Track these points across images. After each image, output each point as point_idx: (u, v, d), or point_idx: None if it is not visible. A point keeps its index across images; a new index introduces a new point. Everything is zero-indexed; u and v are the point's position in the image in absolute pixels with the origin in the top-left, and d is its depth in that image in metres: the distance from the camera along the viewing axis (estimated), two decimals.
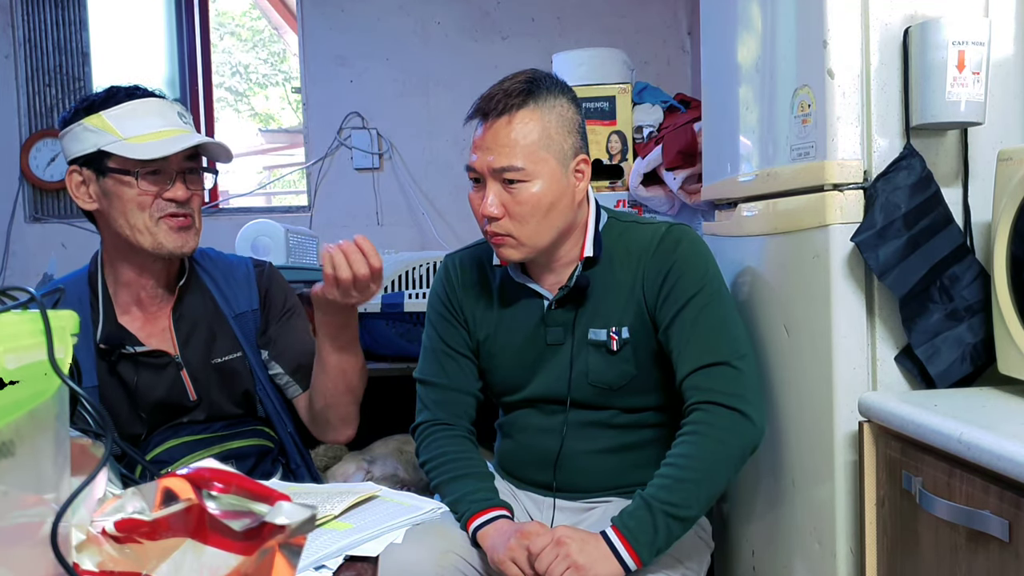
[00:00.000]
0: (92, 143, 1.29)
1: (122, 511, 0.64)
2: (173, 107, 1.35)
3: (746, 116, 1.49)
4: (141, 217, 1.32)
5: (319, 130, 3.20)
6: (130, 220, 1.32)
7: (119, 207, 1.32)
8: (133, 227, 1.32)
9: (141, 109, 1.31)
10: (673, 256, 1.30)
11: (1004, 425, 0.92)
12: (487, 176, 1.26)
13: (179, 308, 1.42)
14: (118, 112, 1.29)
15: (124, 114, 1.30)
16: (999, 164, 1.07)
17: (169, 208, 1.33)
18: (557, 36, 3.13)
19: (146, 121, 1.31)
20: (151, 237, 1.32)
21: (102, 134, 1.29)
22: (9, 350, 0.57)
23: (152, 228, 1.32)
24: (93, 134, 1.29)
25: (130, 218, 1.32)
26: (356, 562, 1.03)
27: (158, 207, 1.32)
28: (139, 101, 1.32)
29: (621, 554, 1.15)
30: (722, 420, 1.22)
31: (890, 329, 1.18)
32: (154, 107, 1.33)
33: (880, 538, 1.12)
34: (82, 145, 1.30)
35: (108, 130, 1.29)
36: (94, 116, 1.29)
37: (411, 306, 2.08)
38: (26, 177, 3.08)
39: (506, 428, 1.46)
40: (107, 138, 1.28)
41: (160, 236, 1.33)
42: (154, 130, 1.30)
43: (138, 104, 1.31)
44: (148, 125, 1.30)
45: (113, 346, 1.36)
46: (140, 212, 1.31)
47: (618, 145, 2.25)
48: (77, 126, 1.30)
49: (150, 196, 1.31)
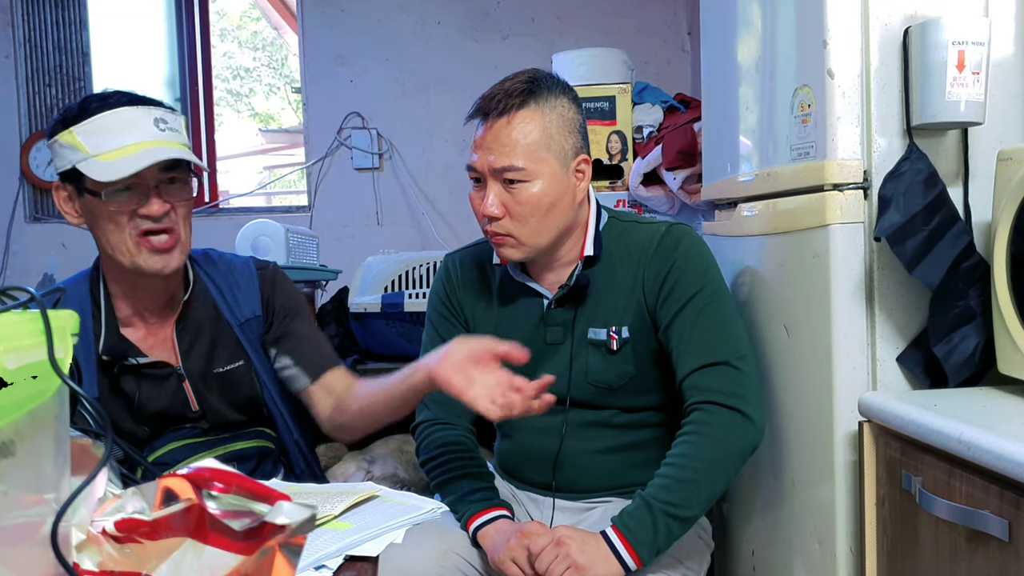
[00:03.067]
0: (67, 160, 1.24)
1: (122, 511, 0.64)
2: (150, 113, 1.27)
3: (746, 116, 1.49)
4: (120, 236, 1.26)
5: (319, 130, 3.20)
6: (110, 239, 1.27)
7: (99, 226, 1.28)
8: (114, 247, 1.28)
9: (112, 122, 1.24)
10: (673, 256, 1.30)
11: (1004, 425, 0.92)
12: (488, 176, 1.26)
13: (183, 318, 1.40)
14: (88, 127, 1.23)
15: (93, 129, 1.23)
16: (999, 164, 1.07)
17: (145, 224, 1.27)
18: (557, 36, 3.13)
19: (116, 135, 1.24)
20: (130, 257, 1.28)
21: (75, 151, 1.24)
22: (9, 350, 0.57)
23: (131, 249, 1.27)
24: (68, 151, 1.24)
25: (110, 237, 1.27)
26: (356, 562, 1.03)
27: (134, 225, 1.26)
28: (110, 113, 1.24)
29: (621, 554, 1.15)
30: (722, 420, 1.22)
31: (890, 329, 1.18)
32: (126, 117, 1.25)
33: (880, 538, 1.12)
34: (61, 161, 1.26)
35: (79, 147, 1.23)
36: (66, 132, 1.24)
37: (411, 306, 2.08)
38: (26, 177, 3.09)
39: (506, 428, 1.46)
40: (78, 155, 1.23)
41: (139, 258, 1.28)
42: (122, 144, 1.23)
43: (108, 117, 1.24)
44: (117, 139, 1.23)
45: (115, 358, 1.34)
46: (118, 231, 1.26)
47: (618, 145, 2.25)
48: (54, 142, 1.26)
49: (125, 214, 1.26)
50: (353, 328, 2.15)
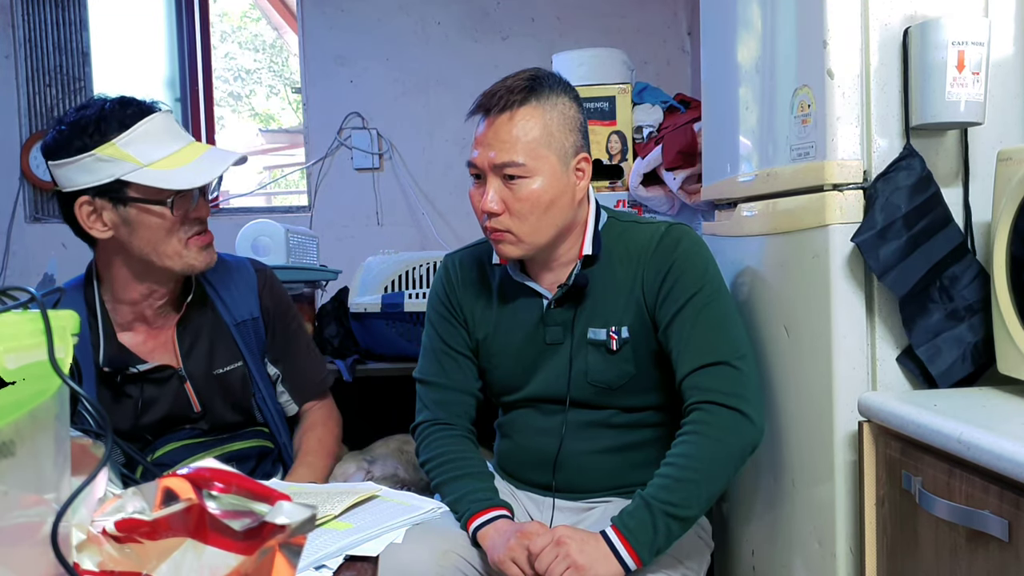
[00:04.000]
0: (107, 173, 1.25)
1: (122, 511, 0.64)
2: (169, 116, 1.32)
3: (746, 116, 1.49)
4: (170, 242, 1.31)
5: (319, 130, 3.20)
6: (158, 247, 1.30)
7: (145, 235, 1.30)
8: (161, 253, 1.31)
9: (152, 130, 1.28)
10: (673, 256, 1.30)
11: (1004, 425, 0.92)
12: (488, 172, 1.26)
13: (185, 320, 1.41)
14: (130, 138, 1.25)
15: (137, 139, 1.26)
16: (999, 164, 1.07)
17: (195, 228, 1.33)
18: (557, 36, 3.13)
19: (159, 143, 1.28)
20: (181, 260, 1.32)
21: (119, 163, 1.25)
22: (9, 350, 0.57)
23: (182, 251, 1.32)
24: (109, 164, 1.25)
25: (158, 245, 1.30)
26: (356, 562, 1.03)
27: (185, 229, 1.32)
28: (147, 122, 1.27)
29: (621, 554, 1.15)
30: (722, 420, 1.22)
31: (890, 329, 1.18)
32: (160, 124, 1.29)
33: (880, 538, 1.12)
34: (94, 176, 1.26)
35: (126, 159, 1.25)
36: (107, 146, 1.24)
37: (411, 306, 2.08)
38: (26, 177, 3.09)
39: (505, 428, 1.46)
40: (125, 167, 1.25)
41: (190, 258, 1.33)
42: (172, 151, 1.28)
43: (148, 125, 1.27)
44: (163, 147, 1.28)
45: (116, 368, 1.35)
46: (169, 237, 1.30)
47: (618, 145, 2.25)
48: (89, 157, 1.25)
49: (178, 220, 1.31)
50: (353, 328, 2.15)
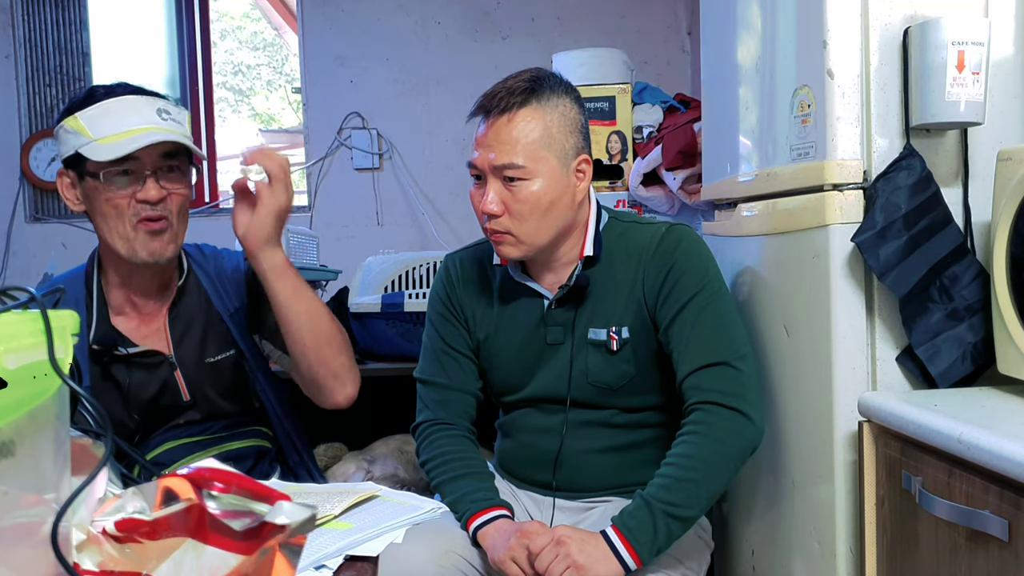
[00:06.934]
0: (71, 145, 1.27)
1: (122, 511, 0.64)
2: (154, 104, 1.29)
3: (746, 116, 1.49)
4: (118, 222, 1.29)
5: (319, 130, 3.20)
6: (109, 224, 1.29)
7: (99, 211, 1.29)
8: (112, 232, 1.30)
9: (115, 108, 1.26)
10: (673, 256, 1.30)
11: (1004, 425, 0.92)
12: (488, 173, 1.26)
13: (175, 307, 1.41)
14: (92, 112, 1.26)
15: (97, 114, 1.26)
16: (999, 164, 1.07)
17: (144, 211, 1.28)
18: (557, 36, 3.13)
19: (119, 120, 1.26)
20: (127, 243, 1.29)
21: (78, 136, 1.26)
22: (9, 350, 0.57)
23: (129, 234, 1.29)
24: (71, 136, 1.26)
25: (109, 222, 1.29)
26: (356, 562, 1.03)
27: (134, 211, 1.28)
28: (115, 100, 1.27)
29: (621, 554, 1.15)
30: (722, 420, 1.22)
31: (890, 329, 1.18)
32: (130, 105, 1.27)
33: (880, 538, 1.12)
34: (64, 147, 1.28)
35: (82, 131, 1.25)
36: (71, 118, 1.26)
37: (411, 306, 2.08)
38: (26, 177, 3.09)
39: (506, 428, 1.46)
40: (81, 140, 1.25)
41: (136, 243, 1.29)
42: (124, 129, 1.25)
43: (113, 103, 1.26)
44: (119, 124, 1.26)
45: (105, 347, 1.35)
46: (117, 217, 1.28)
47: (618, 145, 2.25)
48: (60, 128, 1.28)
49: (124, 199, 1.28)
50: (353, 328, 2.15)
